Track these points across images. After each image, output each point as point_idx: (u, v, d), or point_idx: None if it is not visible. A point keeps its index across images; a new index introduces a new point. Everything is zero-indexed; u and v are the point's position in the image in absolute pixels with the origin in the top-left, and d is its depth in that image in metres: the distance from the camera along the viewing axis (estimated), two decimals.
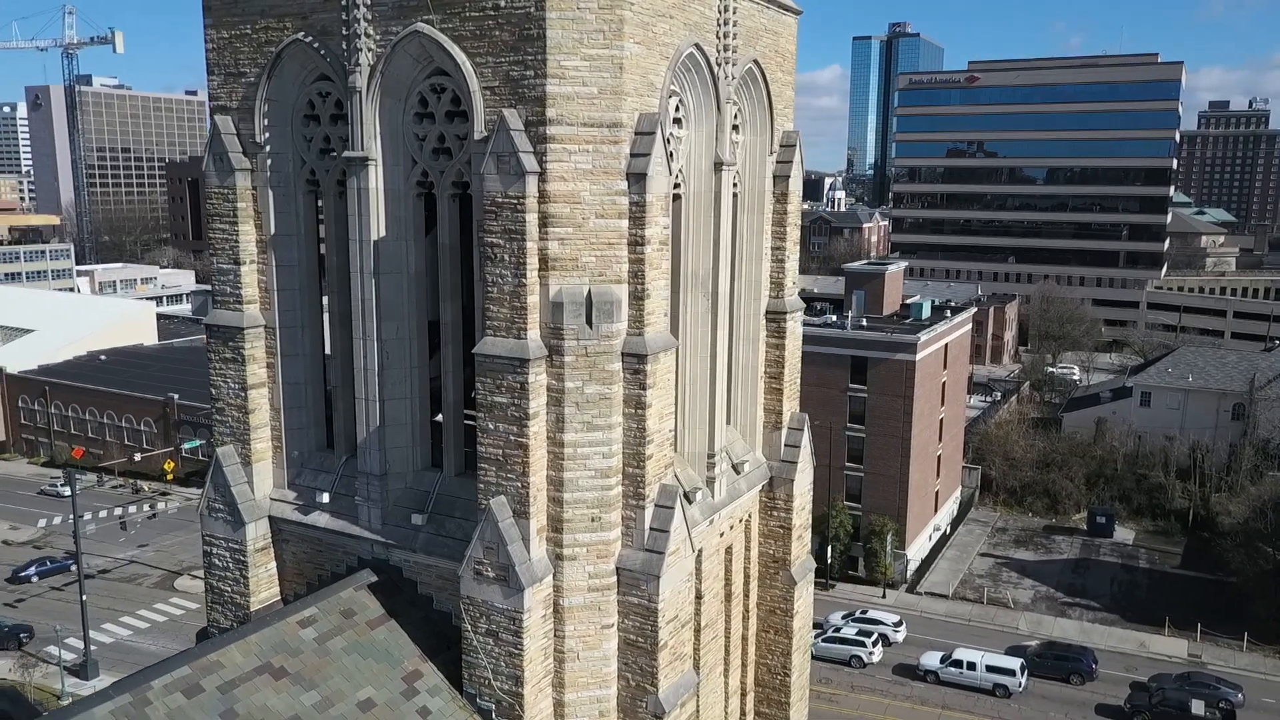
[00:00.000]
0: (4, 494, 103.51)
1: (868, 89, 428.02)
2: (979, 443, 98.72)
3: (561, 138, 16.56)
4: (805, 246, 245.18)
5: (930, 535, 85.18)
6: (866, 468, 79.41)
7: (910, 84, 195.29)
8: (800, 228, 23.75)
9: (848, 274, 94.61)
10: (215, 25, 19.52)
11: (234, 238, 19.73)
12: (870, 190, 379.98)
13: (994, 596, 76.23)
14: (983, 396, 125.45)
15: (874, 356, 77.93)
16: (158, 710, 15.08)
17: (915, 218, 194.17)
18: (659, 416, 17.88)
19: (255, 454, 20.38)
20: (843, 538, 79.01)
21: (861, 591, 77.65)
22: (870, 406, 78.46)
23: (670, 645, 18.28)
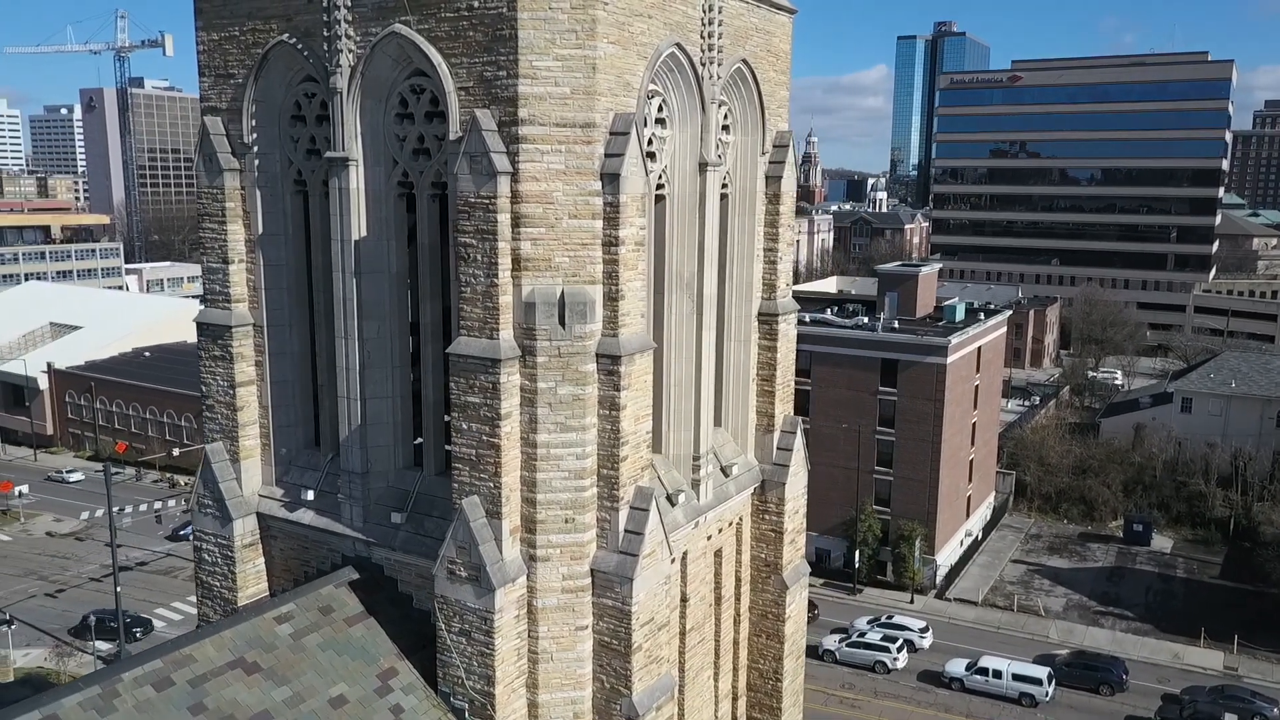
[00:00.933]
0: (52, 487, 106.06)
1: (912, 89, 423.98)
2: (1014, 448, 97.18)
3: (534, 138, 16.55)
4: (845, 248, 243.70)
5: (961, 541, 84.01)
6: (896, 472, 78.50)
7: (952, 84, 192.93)
8: (844, 228, 23.53)
9: (880, 275, 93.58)
10: (206, 28, 19.79)
11: (223, 237, 19.98)
12: (914, 191, 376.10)
13: (1025, 604, 75.02)
14: (1021, 400, 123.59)
15: (904, 359, 77.03)
16: (126, 702, 15.30)
17: (956, 219, 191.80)
18: (634, 418, 17.80)
19: (244, 451, 20.63)
20: (871, 542, 78.24)
21: (889, 596, 76.81)
22: (900, 410, 77.54)
23: (646, 648, 18.19)
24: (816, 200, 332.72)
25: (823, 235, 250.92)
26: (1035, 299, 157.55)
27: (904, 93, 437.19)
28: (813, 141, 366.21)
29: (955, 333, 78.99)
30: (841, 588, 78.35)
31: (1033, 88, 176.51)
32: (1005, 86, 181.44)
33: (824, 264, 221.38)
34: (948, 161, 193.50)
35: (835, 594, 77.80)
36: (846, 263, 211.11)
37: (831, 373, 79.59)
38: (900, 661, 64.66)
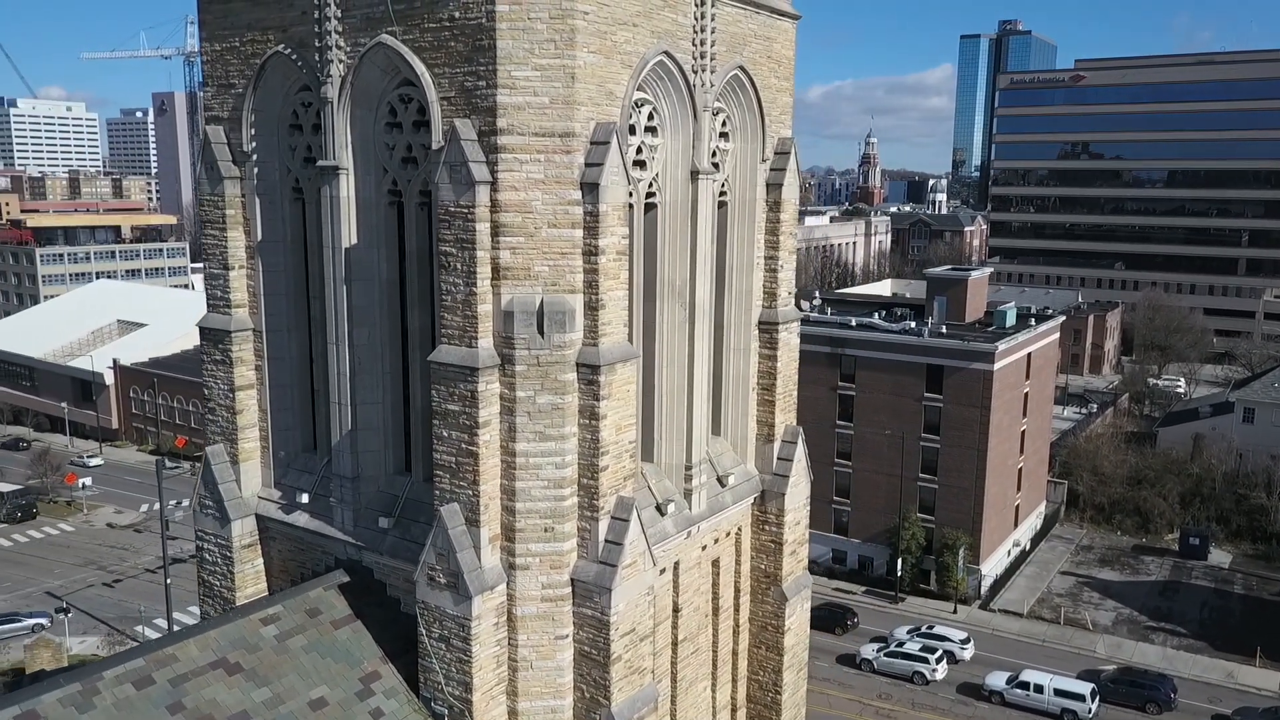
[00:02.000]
0: (114, 479, 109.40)
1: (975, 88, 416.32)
2: (1067, 456, 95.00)
3: (512, 147, 16.59)
4: (903, 250, 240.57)
5: (1009, 551, 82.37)
6: (940, 479, 77.26)
7: (1012, 83, 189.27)
8: (902, 230, 23.25)
9: (929, 279, 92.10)
10: (209, 38, 20.20)
11: (223, 243, 20.37)
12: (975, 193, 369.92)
13: (1072, 617, 73.30)
14: (1077, 408, 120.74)
15: (950, 365, 75.77)
16: (105, 700, 15.66)
17: (1015, 221, 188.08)
18: (616, 428, 17.73)
19: (243, 453, 21.00)
20: (914, 550, 77.10)
21: (932, 606, 75.61)
22: (945, 416, 76.31)
23: (626, 659, 18.11)
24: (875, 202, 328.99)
25: (880, 237, 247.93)
26: (1096, 304, 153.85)
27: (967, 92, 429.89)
28: (872, 142, 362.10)
29: (1004, 338, 77.48)
30: (883, 596, 77.35)
31: (1096, 87, 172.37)
32: (1067, 86, 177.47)
33: (880, 267, 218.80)
34: (1007, 163, 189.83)
35: (876, 602, 76.83)
36: (903, 265, 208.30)
37: (876, 378, 78.66)
38: (939, 673, 63.62)
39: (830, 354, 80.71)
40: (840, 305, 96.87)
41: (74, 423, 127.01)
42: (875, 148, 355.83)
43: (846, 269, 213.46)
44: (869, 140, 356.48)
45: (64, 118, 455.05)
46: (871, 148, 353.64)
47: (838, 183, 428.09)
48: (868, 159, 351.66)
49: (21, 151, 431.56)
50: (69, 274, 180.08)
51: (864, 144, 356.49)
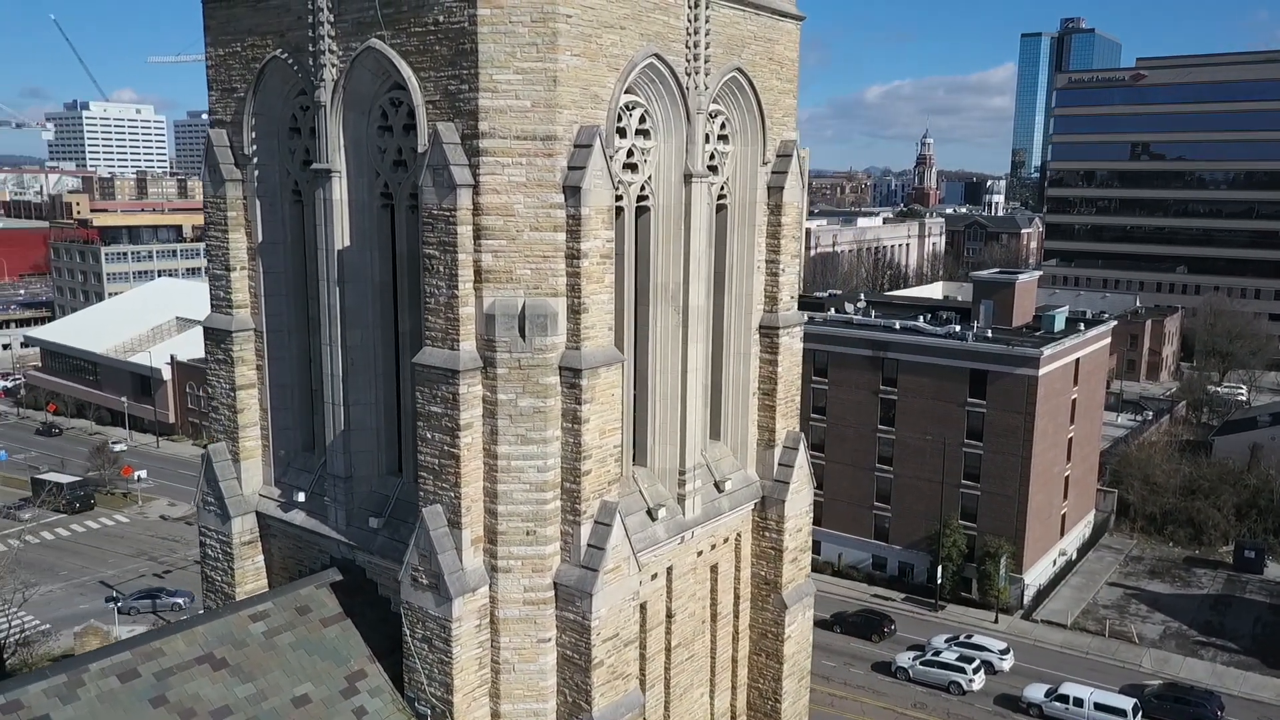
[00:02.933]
0: (169, 473, 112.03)
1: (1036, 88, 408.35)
2: (1117, 464, 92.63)
3: (494, 150, 16.62)
4: (958, 252, 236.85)
5: (1054, 560, 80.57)
6: (983, 486, 75.82)
7: (1070, 83, 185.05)
8: (957, 232, 22.93)
9: (975, 283, 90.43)
10: (213, 43, 20.56)
11: (225, 245, 20.72)
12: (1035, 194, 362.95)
13: (1118, 629, 71.42)
14: (1132, 415, 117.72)
15: (993, 370, 74.33)
16: (89, 691, 16.00)
17: (1072, 224, 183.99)
18: (599, 432, 17.67)
19: (244, 451, 21.34)
20: (955, 558, 75.78)
21: (973, 615, 74.23)
22: (989, 422, 74.86)
23: (608, 664, 18.04)
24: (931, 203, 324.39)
25: (934, 239, 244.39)
26: (1155, 308, 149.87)
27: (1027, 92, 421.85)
28: (928, 143, 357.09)
29: (1050, 343, 75.79)
30: (923, 603, 76.14)
31: (1158, 86, 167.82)
32: (1128, 86, 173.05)
33: (933, 269, 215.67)
34: (1064, 164, 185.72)
35: (916, 610, 75.66)
36: (957, 268, 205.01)
37: (918, 382, 77.50)
38: (976, 683, 62.41)
39: (872, 357, 79.75)
40: (886, 308, 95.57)
41: (134, 416, 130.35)
42: (931, 148, 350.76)
43: (898, 271, 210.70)
44: (925, 141, 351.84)
45: (133, 120, 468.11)
46: (927, 148, 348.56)
47: (893, 184, 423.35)
48: (923, 160, 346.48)
49: (93, 153, 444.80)
50: (132, 272, 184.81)
51: (920, 144, 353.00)
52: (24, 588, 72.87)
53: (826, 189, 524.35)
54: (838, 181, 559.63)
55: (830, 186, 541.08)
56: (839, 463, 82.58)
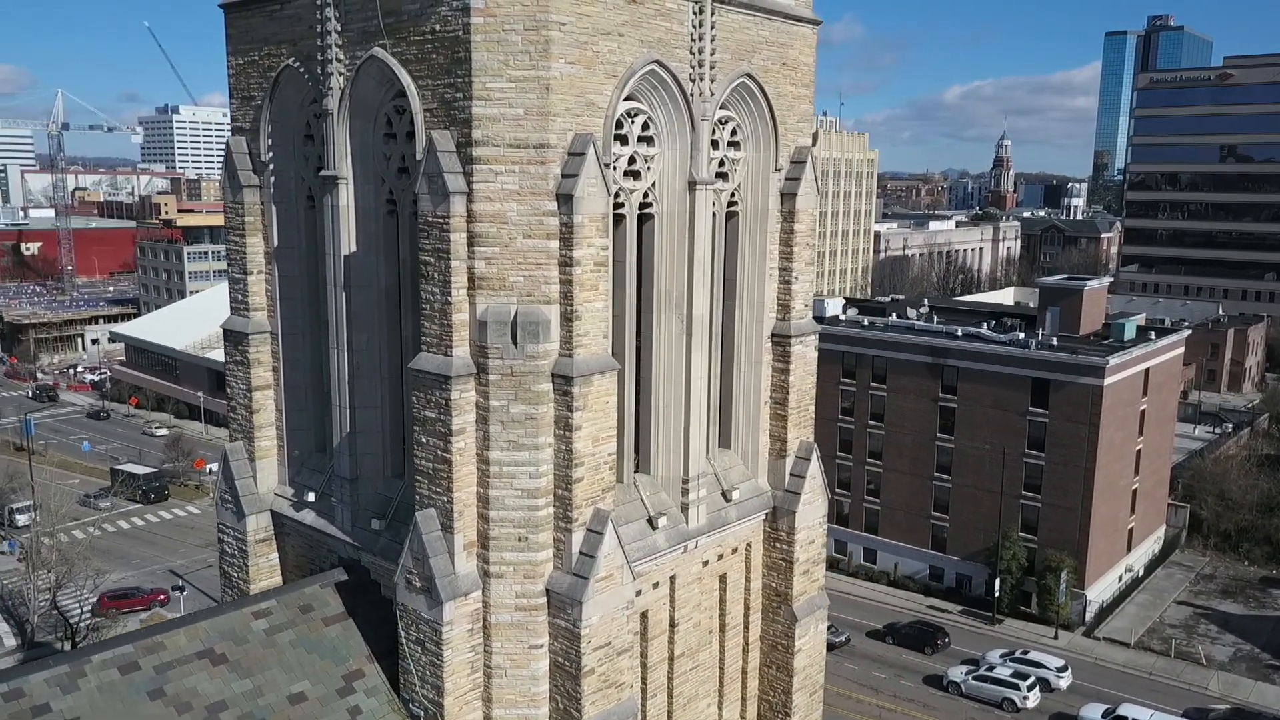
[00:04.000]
0: None
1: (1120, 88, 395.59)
2: (1190, 478, 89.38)
3: (487, 158, 16.71)
4: (1034, 257, 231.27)
5: (1119, 576, 78.11)
6: (1044, 498, 73.87)
7: (1151, 83, 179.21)
8: (1033, 236, 22.53)
9: (1042, 289, 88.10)
10: (234, 52, 21.07)
11: (243, 249, 21.21)
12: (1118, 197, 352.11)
13: (1184, 650, 68.92)
14: (1211, 427, 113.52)
15: (1057, 379, 72.36)
16: (90, 683, 16.50)
17: (1152, 228, 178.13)
18: (592, 440, 17.63)
19: (260, 451, 21.81)
20: (1015, 571, 73.93)
21: (1031, 630, 72.37)
22: (1051, 432, 72.91)
23: (600, 672, 17.99)
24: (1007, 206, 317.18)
25: (1008, 243, 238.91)
26: (1239, 316, 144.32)
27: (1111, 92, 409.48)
28: (1005, 145, 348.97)
29: (1117, 352, 73.52)
30: (980, 616, 74.52)
31: (1245, 86, 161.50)
32: (1213, 85, 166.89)
33: (1006, 274, 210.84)
34: (1145, 167, 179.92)
35: (972, 623, 74.07)
36: (1033, 273, 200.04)
37: (979, 390, 75.90)
38: (1031, 700, 60.82)
39: (932, 364, 78.33)
40: (950, 314, 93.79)
41: (209, 410, 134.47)
42: (1009, 150, 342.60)
43: (970, 276, 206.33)
44: (1003, 143, 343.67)
45: (221, 123, 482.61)
46: (1005, 150, 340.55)
47: (970, 186, 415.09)
48: (1000, 162, 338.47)
49: (182, 155, 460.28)
50: (212, 270, 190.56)
51: (998, 146, 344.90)
52: (95, 574, 75.76)
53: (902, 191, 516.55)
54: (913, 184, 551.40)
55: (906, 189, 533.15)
56: (896, 471, 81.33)
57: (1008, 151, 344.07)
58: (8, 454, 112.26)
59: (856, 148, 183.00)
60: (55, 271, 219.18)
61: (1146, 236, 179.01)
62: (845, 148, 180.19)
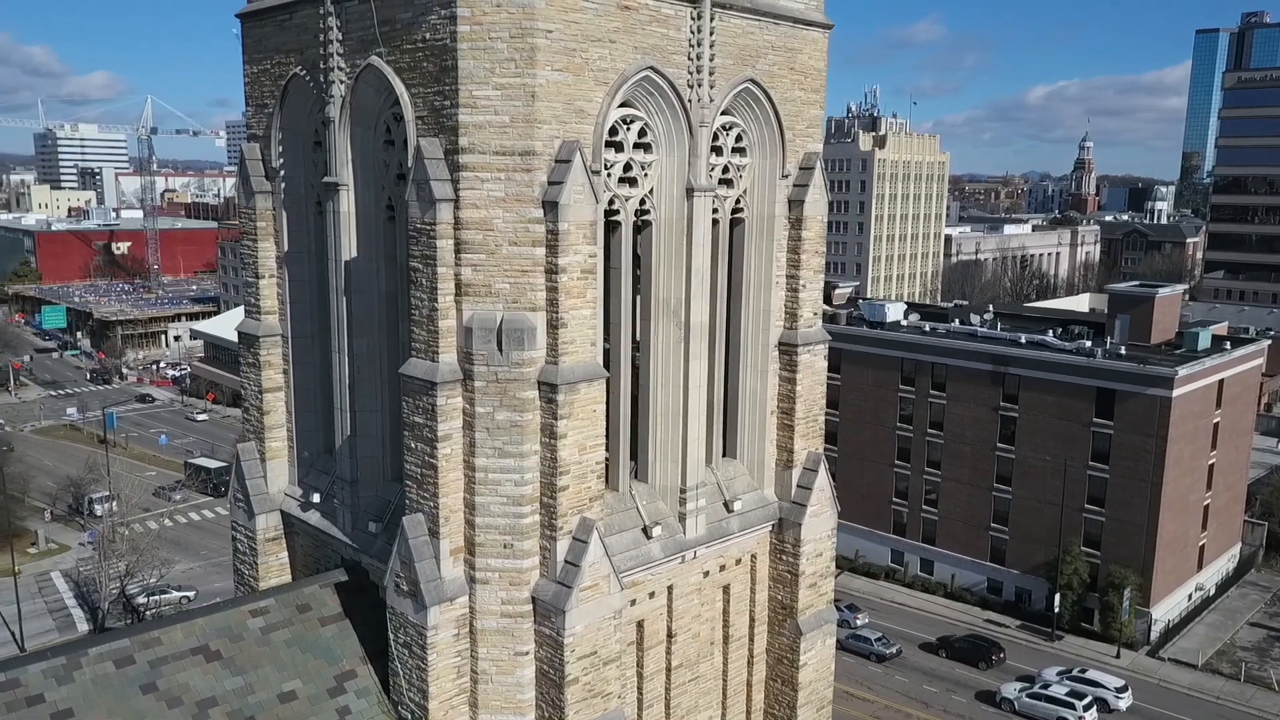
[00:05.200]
0: None
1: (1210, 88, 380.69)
2: (1269, 495, 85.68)
3: (473, 166, 16.77)
4: (1115, 262, 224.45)
5: (1189, 595, 75.26)
6: (1108, 512, 71.53)
7: (1239, 82, 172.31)
8: (1114, 241, 22.04)
9: (1111, 296, 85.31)
10: (249, 61, 21.52)
11: (255, 253, 21.65)
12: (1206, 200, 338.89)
13: (1256, 674, 66.07)
14: None
15: (1122, 389, 70.04)
16: (85, 675, 16.98)
17: (1240, 233, 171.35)
18: (578, 448, 17.56)
19: (270, 452, 22.23)
20: (1076, 586, 71.73)
21: (1093, 648, 70.14)
22: (1116, 444, 70.58)
23: (584, 681, 17.91)
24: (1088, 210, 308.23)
25: (1087, 248, 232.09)
26: None
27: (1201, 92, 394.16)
28: (1087, 146, 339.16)
29: (1188, 362, 70.87)
30: (1039, 632, 72.50)
31: None
32: None
33: (1084, 279, 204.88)
34: (1232, 169, 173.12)
35: (1031, 638, 72.10)
36: (1111, 279, 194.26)
37: (1041, 399, 73.86)
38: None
39: (993, 372, 76.48)
40: (1015, 320, 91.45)
41: None
42: (1090, 152, 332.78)
43: (1046, 281, 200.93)
44: (1084, 144, 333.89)
45: None
46: (1086, 152, 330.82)
47: (1050, 189, 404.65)
48: (1082, 164, 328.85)
49: None
50: None
51: (1080, 148, 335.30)
52: (162, 565, 78.30)
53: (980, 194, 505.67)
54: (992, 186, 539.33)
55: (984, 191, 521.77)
56: (955, 480, 79.63)
57: (1089, 154, 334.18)
58: (91, 445, 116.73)
59: (927, 150, 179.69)
60: (143, 270, 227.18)
61: (1233, 241, 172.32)
62: (916, 150, 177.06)
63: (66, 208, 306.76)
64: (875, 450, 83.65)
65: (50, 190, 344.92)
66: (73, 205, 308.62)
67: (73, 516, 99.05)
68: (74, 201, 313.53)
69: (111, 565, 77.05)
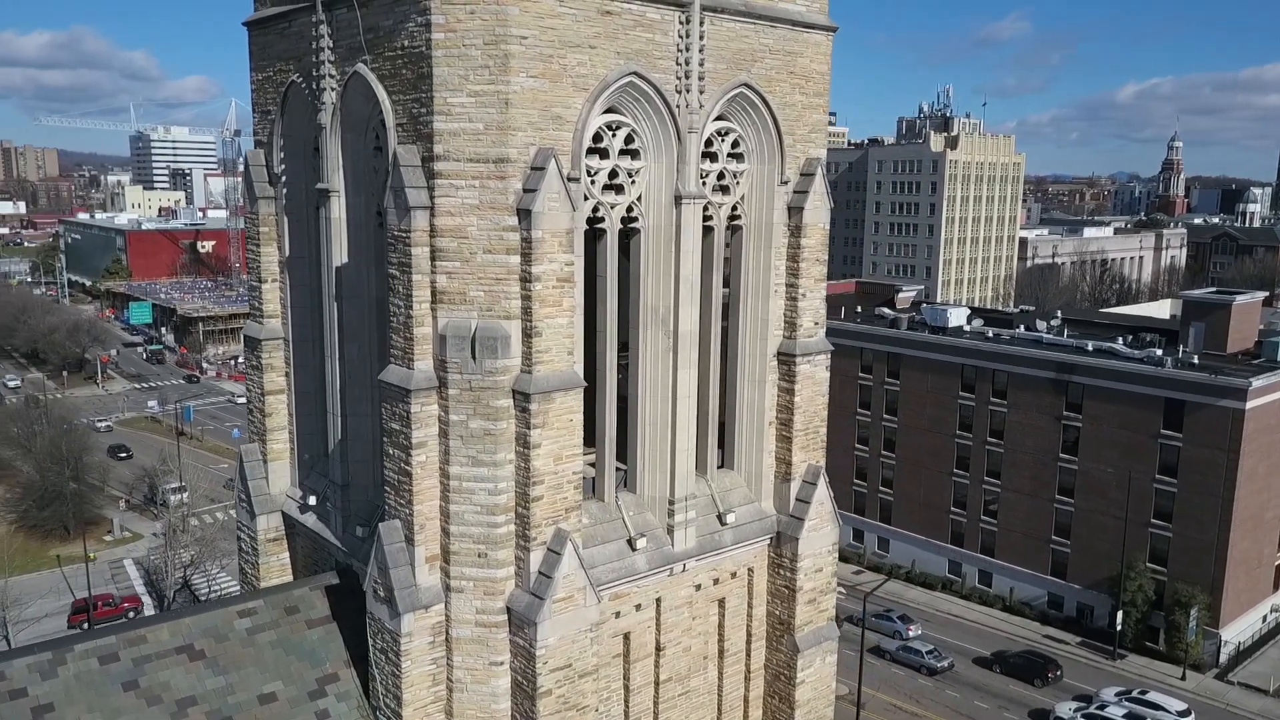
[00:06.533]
0: None
1: None
2: None
3: (448, 173, 16.71)
4: (1203, 267, 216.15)
5: (1263, 616, 72.03)
6: (1176, 528, 68.87)
7: None
8: (1202, 245, 21.57)
9: (1185, 303, 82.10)
10: (255, 68, 21.85)
11: (258, 258, 21.96)
12: None
13: None
14: None
15: (1192, 400, 67.33)
16: (69, 670, 17.36)
17: None
18: (553, 458, 17.37)
19: (272, 453, 22.53)
20: (1141, 604, 69.23)
21: (1157, 669, 67.61)
22: (1184, 458, 67.92)
23: (557, 694, 17.71)
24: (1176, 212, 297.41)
25: (1173, 252, 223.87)
26: None
27: None
28: (1176, 146, 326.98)
29: (1265, 373, 67.82)
30: (1100, 650, 70.12)
31: None
32: None
33: (1168, 284, 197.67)
34: None
35: (1092, 656, 69.79)
36: (1196, 284, 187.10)
37: (1106, 409, 71.46)
38: None
39: (1055, 380, 74.25)
40: (1084, 327, 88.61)
41: None
42: (1179, 153, 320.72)
43: (1126, 286, 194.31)
44: (1173, 144, 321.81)
45: None
46: (1175, 153, 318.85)
47: (1138, 190, 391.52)
48: (1170, 165, 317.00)
49: None
50: None
51: (1168, 148, 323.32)
52: (224, 556, 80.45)
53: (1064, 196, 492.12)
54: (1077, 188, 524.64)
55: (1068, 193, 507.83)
56: (1015, 491, 77.55)
57: (1178, 154, 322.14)
58: (169, 437, 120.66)
59: (1002, 150, 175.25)
60: (225, 268, 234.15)
61: None
62: (990, 150, 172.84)
63: (157, 208, 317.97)
64: (933, 458, 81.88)
65: (143, 191, 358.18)
66: (163, 205, 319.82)
67: (147, 506, 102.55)
68: (164, 201, 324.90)
69: (176, 555, 79.60)
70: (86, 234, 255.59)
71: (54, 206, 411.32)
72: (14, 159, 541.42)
